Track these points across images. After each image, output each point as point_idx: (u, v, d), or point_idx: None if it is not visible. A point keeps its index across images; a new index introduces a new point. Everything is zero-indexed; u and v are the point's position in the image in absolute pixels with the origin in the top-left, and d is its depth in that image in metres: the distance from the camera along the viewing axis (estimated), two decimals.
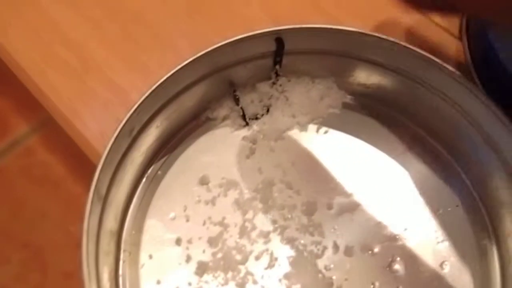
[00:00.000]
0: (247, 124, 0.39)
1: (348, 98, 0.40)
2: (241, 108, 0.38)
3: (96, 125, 0.40)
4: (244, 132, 0.39)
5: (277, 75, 0.39)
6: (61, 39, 0.44)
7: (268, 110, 0.39)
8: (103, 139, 0.38)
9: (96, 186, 0.29)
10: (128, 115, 0.31)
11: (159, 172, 0.37)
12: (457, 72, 0.34)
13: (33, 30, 0.45)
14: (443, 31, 0.45)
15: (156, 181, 0.37)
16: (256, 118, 0.39)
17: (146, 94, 0.32)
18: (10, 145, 0.63)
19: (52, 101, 0.41)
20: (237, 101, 0.39)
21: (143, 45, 0.44)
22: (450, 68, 0.34)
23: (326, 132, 0.39)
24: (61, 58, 0.43)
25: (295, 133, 0.39)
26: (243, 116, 0.38)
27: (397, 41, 0.34)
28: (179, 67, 0.33)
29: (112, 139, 0.30)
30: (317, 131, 0.39)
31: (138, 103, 0.32)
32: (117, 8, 0.46)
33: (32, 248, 0.58)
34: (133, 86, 0.42)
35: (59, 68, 0.43)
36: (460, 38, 0.44)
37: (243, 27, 0.36)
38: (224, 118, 0.39)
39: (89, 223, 0.29)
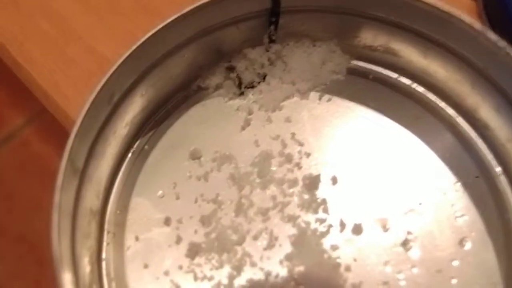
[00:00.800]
0: (242, 93, 0.35)
1: (353, 64, 0.36)
2: (237, 75, 0.35)
3: (79, 98, 0.36)
4: (239, 102, 0.35)
5: (270, 40, 0.35)
6: (41, 9, 0.41)
7: (264, 78, 0.35)
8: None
9: (69, 156, 0.26)
10: (106, 77, 0.28)
11: (146, 147, 0.34)
12: (475, 25, 0.30)
13: (11, 1, 0.42)
14: None
15: (143, 156, 0.33)
16: (252, 87, 0.35)
17: (126, 55, 0.28)
18: (5, 138, 0.60)
19: (31, 75, 0.38)
20: (231, 69, 0.35)
21: (129, 13, 0.41)
22: (466, 19, 0.30)
23: (329, 100, 0.35)
24: (41, 29, 0.40)
25: (295, 102, 0.35)
26: (239, 85, 0.35)
27: None
28: (162, 25, 0.29)
29: (88, 104, 0.27)
30: (320, 99, 0.35)
31: (117, 64, 0.28)
32: None
33: (27, 242, 0.56)
34: (118, 57, 0.38)
35: (38, 40, 0.40)
36: None
37: None
38: (217, 87, 0.35)
39: (61, 198, 0.25)
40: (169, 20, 0.30)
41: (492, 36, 0.30)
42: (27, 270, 0.54)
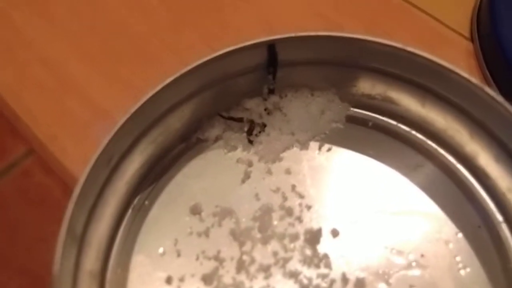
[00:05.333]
0: (251, 142, 0.35)
1: (352, 111, 0.36)
2: (251, 122, 0.35)
3: (77, 150, 0.37)
4: (239, 153, 0.35)
5: (269, 91, 0.35)
6: (37, 58, 0.41)
7: (264, 128, 0.35)
8: (85, 167, 0.35)
9: (69, 227, 0.26)
10: (104, 144, 0.28)
11: (146, 202, 0.33)
12: (472, 79, 0.30)
13: (7, 49, 0.42)
14: (452, 32, 0.41)
15: (143, 212, 0.33)
16: (249, 141, 0.35)
17: (124, 119, 0.28)
18: (6, 168, 0.60)
19: (28, 126, 0.38)
20: (238, 120, 0.35)
21: (127, 60, 0.41)
22: (464, 74, 0.30)
23: (329, 149, 0.35)
24: (37, 78, 0.40)
25: (295, 153, 0.35)
26: (250, 130, 0.35)
27: (403, 46, 0.31)
28: (161, 86, 0.29)
29: (85, 174, 0.27)
30: (320, 148, 0.35)
31: (115, 130, 0.28)
32: (98, 22, 0.43)
33: (31, 274, 0.55)
34: (116, 106, 0.38)
35: (35, 89, 0.40)
36: (471, 39, 0.41)
37: (235, 37, 0.32)
38: (217, 139, 0.35)
39: (61, 270, 0.25)
40: (168, 80, 0.30)
41: (490, 90, 0.30)
42: None
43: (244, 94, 0.35)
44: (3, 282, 0.53)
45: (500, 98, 0.30)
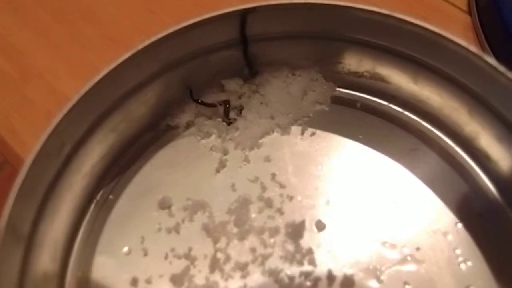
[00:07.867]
0: (229, 123, 0.32)
1: (337, 91, 0.34)
2: (227, 102, 0.32)
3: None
4: (213, 141, 0.32)
5: (251, 72, 0.32)
6: None
7: (240, 112, 0.32)
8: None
9: (9, 223, 0.23)
10: (50, 129, 0.24)
11: (111, 197, 0.31)
12: (471, 47, 0.27)
13: None
14: (448, 4, 0.38)
15: (107, 207, 0.30)
16: (227, 123, 0.32)
17: (74, 101, 0.25)
18: None
19: None
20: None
21: (94, 46, 0.38)
22: (461, 42, 0.27)
23: (313, 134, 0.32)
24: None
25: (275, 138, 0.32)
26: (226, 112, 0.32)
27: (390, 13, 0.28)
28: (116, 63, 0.26)
29: (29, 162, 0.23)
30: (302, 133, 0.32)
31: (64, 112, 0.25)
32: (64, 7, 0.40)
33: None
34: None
35: None
36: (469, 12, 0.38)
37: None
38: (188, 126, 0.33)
39: None
40: (125, 56, 0.27)
41: (491, 60, 0.26)
42: None
43: (218, 73, 0.31)
44: None
45: (502, 68, 0.26)
